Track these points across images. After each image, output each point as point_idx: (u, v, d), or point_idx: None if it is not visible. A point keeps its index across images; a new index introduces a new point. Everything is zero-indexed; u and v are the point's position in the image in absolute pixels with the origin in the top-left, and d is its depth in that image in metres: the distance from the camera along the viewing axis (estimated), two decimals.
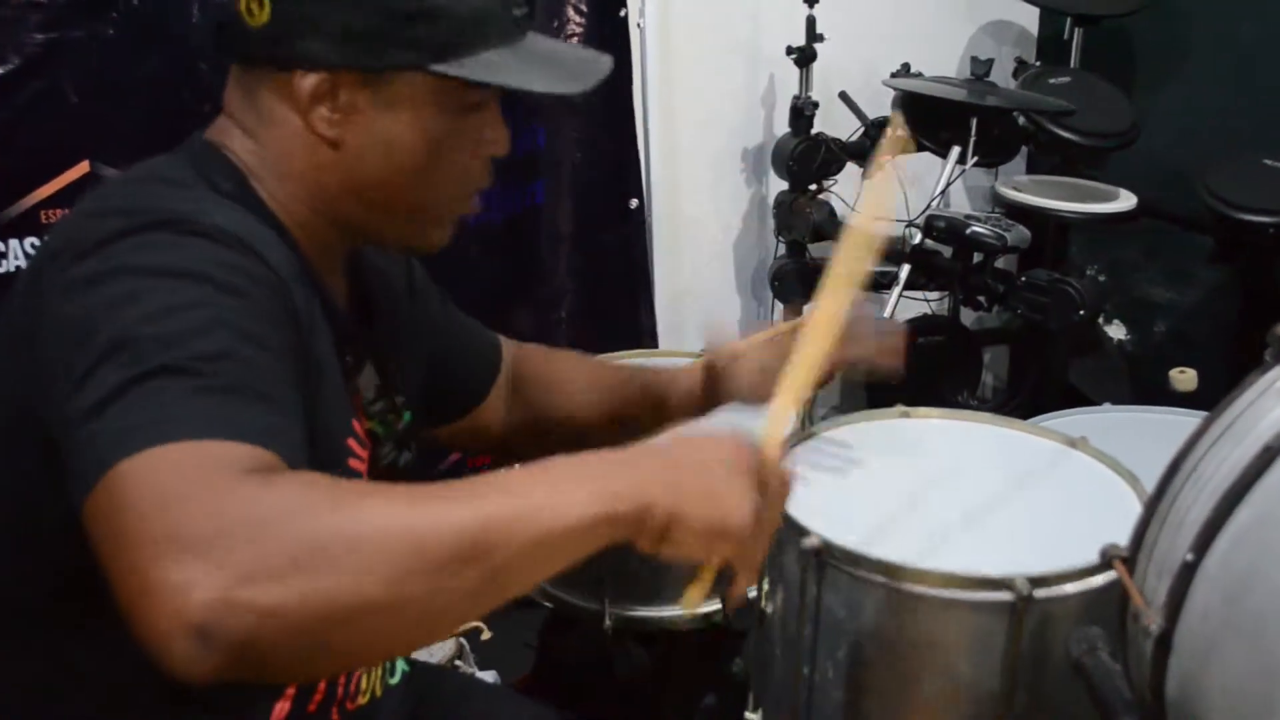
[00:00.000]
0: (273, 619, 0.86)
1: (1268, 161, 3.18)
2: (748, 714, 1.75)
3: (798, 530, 1.50)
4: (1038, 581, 1.42)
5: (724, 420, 1.60)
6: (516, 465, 1.07)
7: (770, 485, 1.17)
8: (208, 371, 0.99)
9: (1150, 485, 1.16)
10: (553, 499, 1.00)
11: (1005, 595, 1.42)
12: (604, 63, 1.37)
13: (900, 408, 1.89)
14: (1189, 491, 1.09)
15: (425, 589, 0.92)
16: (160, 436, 0.93)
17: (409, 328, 1.55)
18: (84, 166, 2.39)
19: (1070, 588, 1.44)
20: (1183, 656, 1.05)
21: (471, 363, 1.70)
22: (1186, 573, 1.04)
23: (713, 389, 1.66)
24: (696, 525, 1.08)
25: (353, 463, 1.31)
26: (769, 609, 1.63)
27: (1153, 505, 1.13)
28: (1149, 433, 2.11)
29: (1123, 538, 1.17)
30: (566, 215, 3.12)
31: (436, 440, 1.71)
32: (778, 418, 1.34)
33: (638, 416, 1.70)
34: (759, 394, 1.56)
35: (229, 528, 0.88)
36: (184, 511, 0.89)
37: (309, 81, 1.23)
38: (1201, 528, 1.04)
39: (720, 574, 1.19)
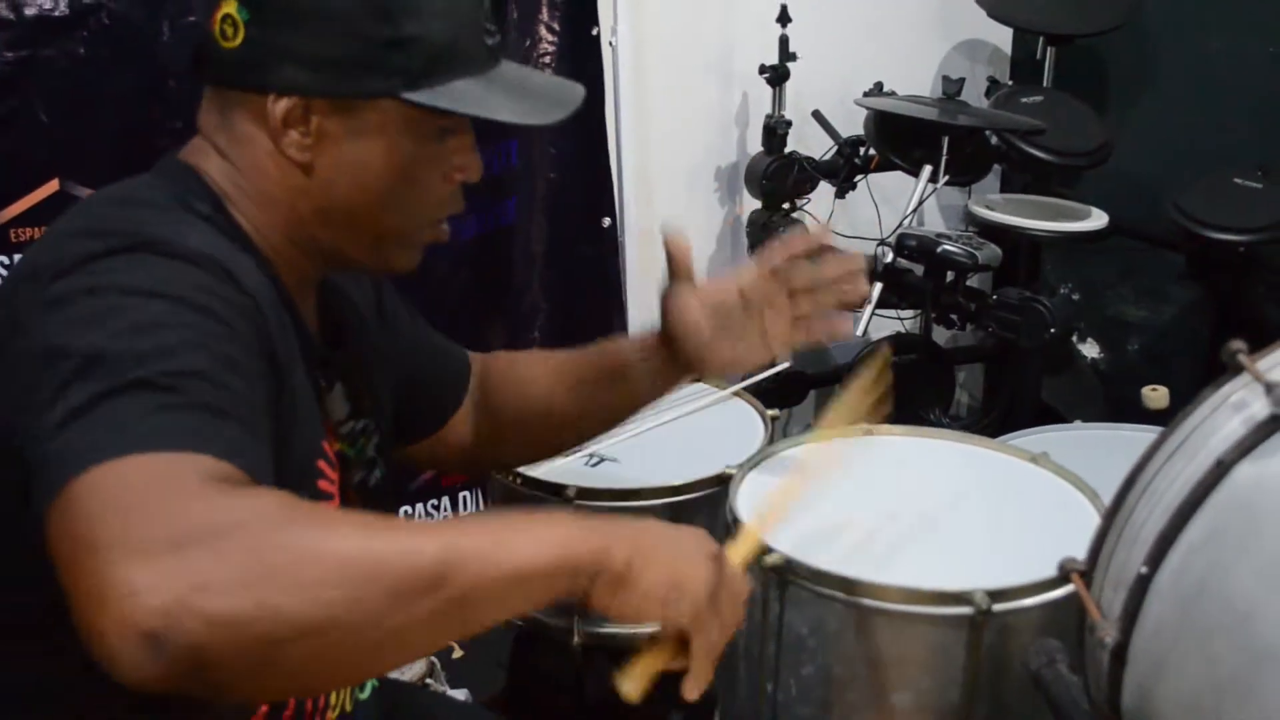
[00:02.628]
0: (223, 629, 0.85)
1: (1238, 180, 3.20)
2: None
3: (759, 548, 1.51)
4: (996, 595, 1.44)
5: None
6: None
7: (730, 587, 1.18)
8: (176, 388, 1.00)
9: None
10: (513, 540, 1.01)
11: (965, 609, 1.44)
12: (576, 93, 1.40)
13: (863, 425, 1.90)
14: (1144, 506, 1.11)
15: (379, 614, 0.92)
16: (125, 448, 0.94)
17: (377, 350, 1.56)
18: (54, 185, 2.39)
19: (1029, 601, 1.46)
20: (1137, 668, 1.07)
21: (441, 380, 1.71)
22: (1140, 586, 1.06)
23: (668, 340, 1.61)
24: (654, 578, 1.10)
25: (323, 484, 1.31)
26: None
27: (1109, 519, 1.15)
28: (1120, 450, 2.13)
29: (1081, 552, 1.19)
30: (539, 233, 3.12)
31: (407, 459, 1.72)
32: (748, 540, 1.37)
33: (602, 392, 1.68)
34: (709, 342, 1.57)
35: (187, 534, 0.88)
36: (143, 516, 0.89)
37: (281, 106, 1.25)
38: (1155, 542, 1.06)
39: (672, 653, 1.18)
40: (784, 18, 3.28)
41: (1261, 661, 0.93)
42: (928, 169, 3.08)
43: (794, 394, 3.31)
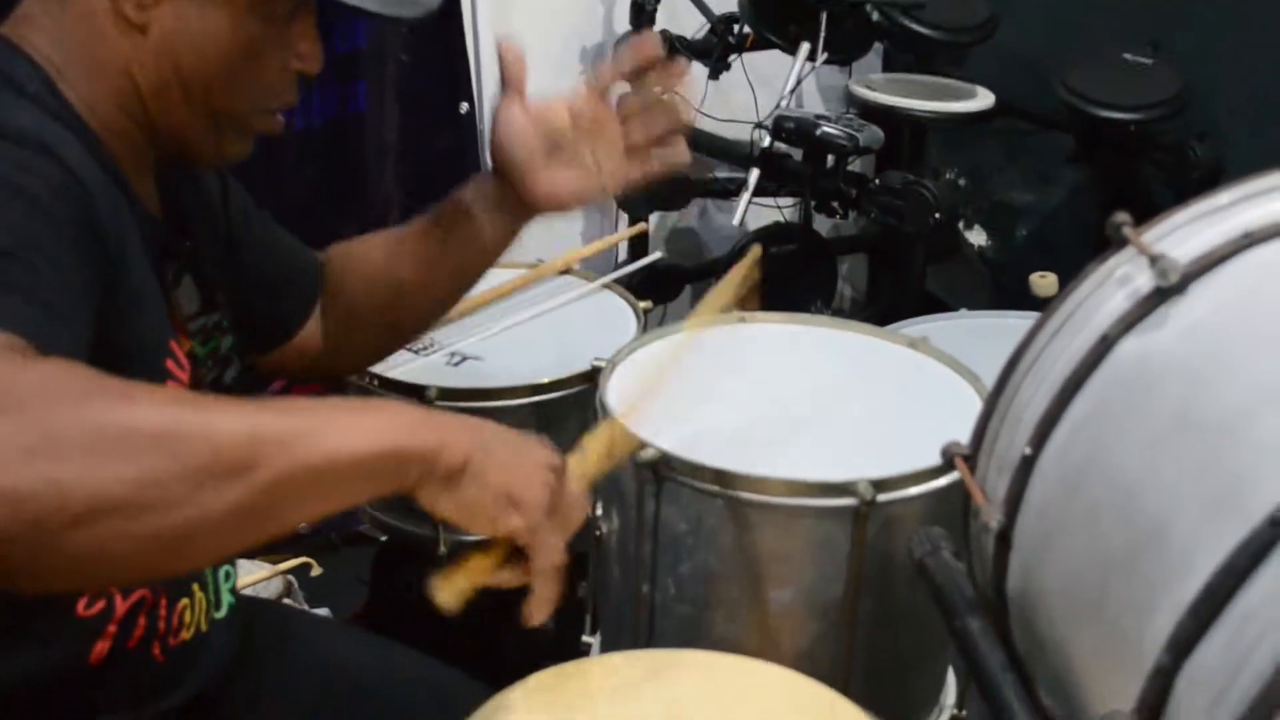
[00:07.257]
0: (4, 503, 0.83)
1: (1128, 56, 3.25)
2: (585, 638, 1.79)
3: (633, 443, 1.53)
4: (880, 485, 1.46)
5: None
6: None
7: (568, 501, 1.18)
8: None
9: None
10: (338, 424, 0.99)
11: (848, 500, 1.46)
12: None
13: (737, 313, 1.91)
14: (1029, 386, 1.13)
15: (177, 497, 0.90)
16: None
17: (228, 247, 1.55)
18: None
19: (913, 490, 1.49)
20: (1023, 551, 1.10)
21: (293, 285, 1.70)
22: (1025, 467, 1.09)
23: (500, 167, 1.62)
24: (490, 481, 1.09)
25: (171, 385, 1.30)
26: (604, 529, 1.66)
27: (993, 401, 1.18)
28: (1005, 337, 2.16)
29: (965, 437, 1.22)
30: (392, 121, 3.08)
31: (256, 368, 1.70)
32: (610, 432, 1.38)
33: (445, 250, 1.68)
34: (539, 165, 1.59)
35: None
36: None
37: None
38: (1039, 422, 1.08)
39: (506, 559, 1.17)
40: None
41: (1147, 536, 0.96)
42: (805, 47, 3.08)
43: (668, 289, 3.33)
